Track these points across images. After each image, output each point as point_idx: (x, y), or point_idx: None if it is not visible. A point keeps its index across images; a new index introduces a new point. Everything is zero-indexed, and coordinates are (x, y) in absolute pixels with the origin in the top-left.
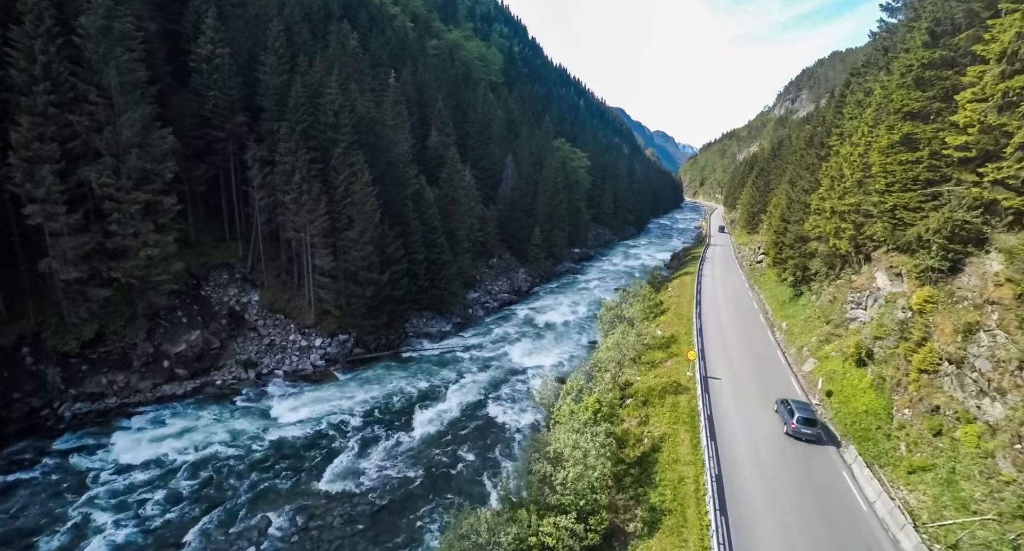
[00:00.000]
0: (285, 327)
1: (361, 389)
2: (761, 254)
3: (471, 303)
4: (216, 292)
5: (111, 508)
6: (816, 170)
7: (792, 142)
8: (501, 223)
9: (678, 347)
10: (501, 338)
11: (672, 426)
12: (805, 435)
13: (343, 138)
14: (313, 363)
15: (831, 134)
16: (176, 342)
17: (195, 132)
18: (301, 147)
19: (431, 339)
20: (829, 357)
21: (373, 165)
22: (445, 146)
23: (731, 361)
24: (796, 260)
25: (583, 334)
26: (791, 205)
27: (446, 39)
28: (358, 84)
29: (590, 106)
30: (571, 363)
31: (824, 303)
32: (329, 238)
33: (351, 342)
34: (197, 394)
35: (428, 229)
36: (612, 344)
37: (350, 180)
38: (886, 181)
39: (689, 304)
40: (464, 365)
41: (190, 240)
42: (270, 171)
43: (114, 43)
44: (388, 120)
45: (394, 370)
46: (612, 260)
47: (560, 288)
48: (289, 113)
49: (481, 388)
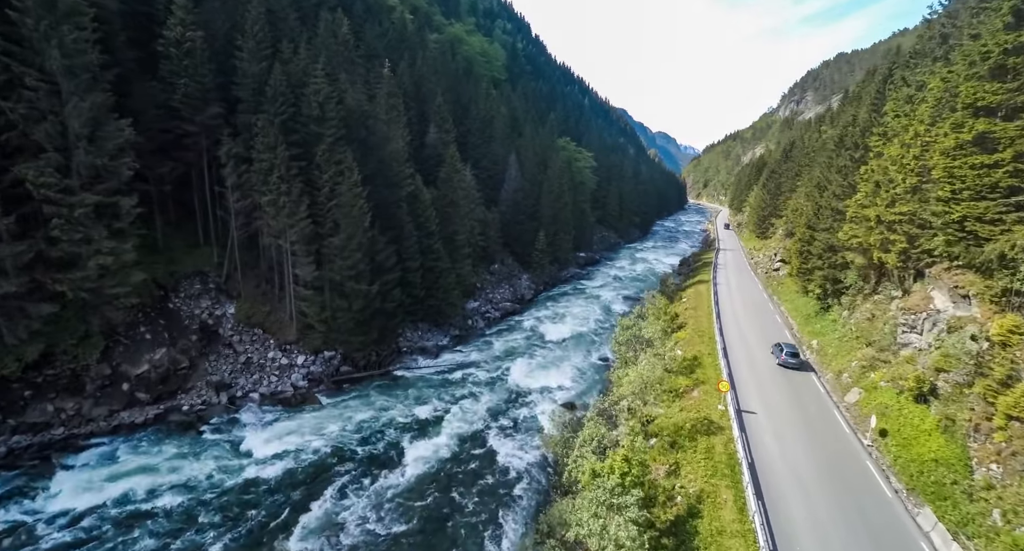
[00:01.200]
0: (264, 343)
1: (346, 416)
2: (778, 261)
3: (471, 313)
4: (186, 304)
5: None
6: (850, 174)
7: (805, 143)
8: (503, 226)
9: (703, 372)
10: (503, 354)
11: (710, 481)
12: (791, 364)
13: (329, 132)
14: (294, 384)
15: (867, 134)
16: (137, 362)
17: (162, 125)
18: (280, 142)
19: (427, 355)
20: (877, 388)
21: (363, 163)
22: (444, 144)
23: (763, 389)
24: (825, 271)
25: (592, 349)
26: (819, 211)
27: (447, 33)
28: (349, 75)
29: (594, 105)
30: (580, 385)
31: (860, 321)
32: (311, 245)
33: (337, 360)
34: (160, 422)
35: (424, 234)
36: (635, 378)
37: (336, 180)
38: (952, 188)
39: (708, 318)
40: (462, 387)
41: (157, 246)
42: (246, 169)
43: (59, 19)
44: (381, 114)
45: (385, 392)
46: (619, 264)
47: (565, 295)
48: (267, 103)
49: (480, 416)
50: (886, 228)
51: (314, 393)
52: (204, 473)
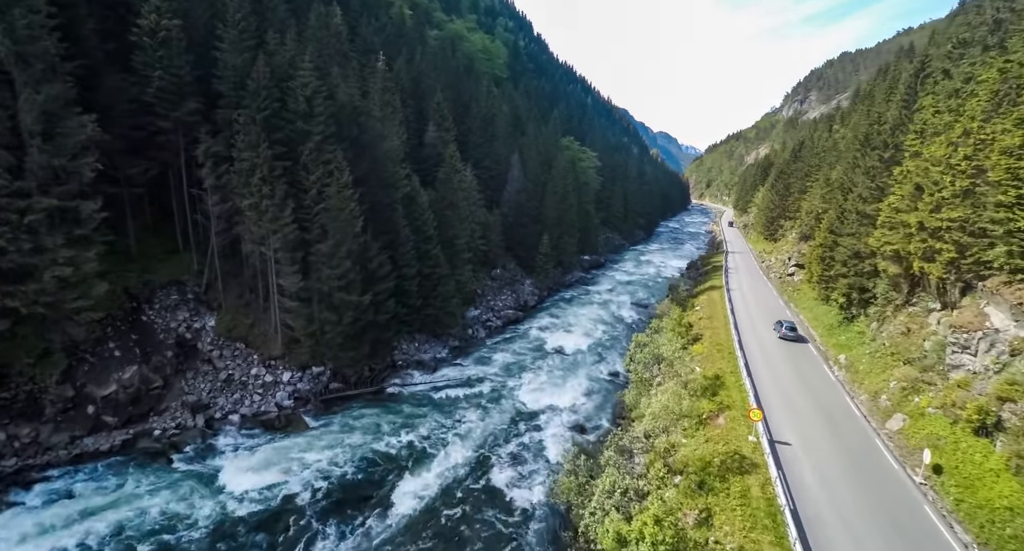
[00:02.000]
0: (246, 359)
1: (334, 442)
2: (793, 266)
3: (471, 322)
4: (161, 317)
5: None
6: (879, 175)
7: (815, 143)
8: (505, 229)
9: (727, 394)
10: (505, 367)
11: (749, 534)
12: (789, 336)
13: (317, 130)
14: (279, 403)
15: (897, 133)
16: (104, 382)
17: (134, 121)
18: (263, 140)
19: (424, 369)
20: (925, 415)
21: (355, 163)
22: (444, 143)
23: (794, 412)
24: (850, 279)
25: (601, 362)
26: (843, 215)
27: (448, 30)
28: (342, 69)
29: (597, 104)
30: (590, 403)
31: (894, 335)
32: (297, 252)
33: (327, 376)
34: (128, 449)
35: (421, 238)
36: (660, 409)
37: (324, 181)
38: (1018, 192)
39: (725, 329)
40: (461, 406)
41: (130, 253)
42: (226, 170)
43: (9, 2)
44: (375, 111)
45: (377, 413)
46: (624, 268)
47: (570, 301)
48: (249, 98)
49: (481, 441)
50: (930, 235)
51: (300, 414)
52: (171, 512)
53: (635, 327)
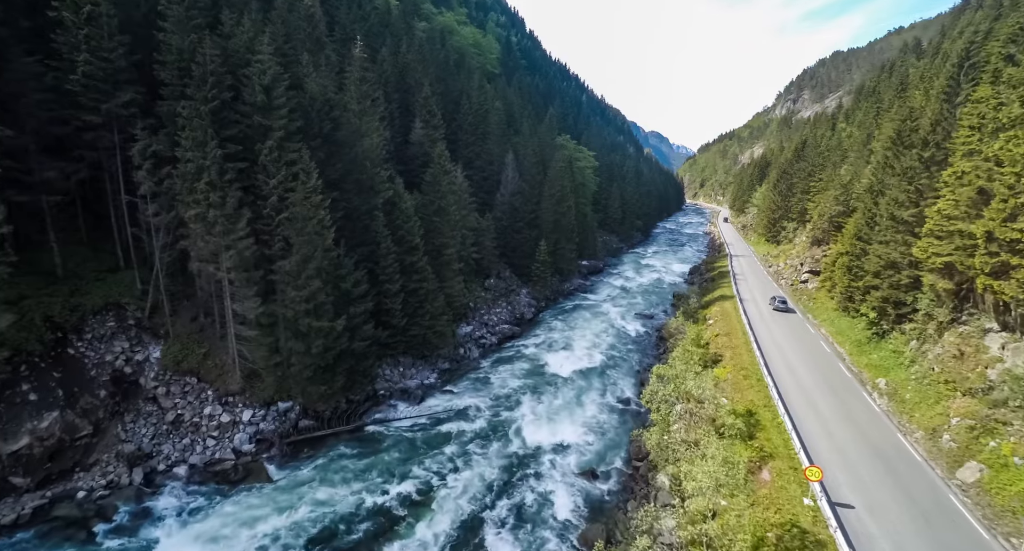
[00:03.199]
0: (199, 395)
1: (301, 499)
2: (806, 273)
3: (463, 340)
4: (94, 348)
5: None
6: (918, 176)
7: (818, 142)
8: (499, 234)
9: (766, 436)
10: (502, 395)
11: None
12: (781, 308)
13: (278, 125)
14: (237, 448)
15: (938, 129)
16: (13, 434)
17: (52, 114)
18: (211, 137)
19: (409, 399)
20: (1009, 465)
21: (327, 164)
22: (432, 141)
23: (845, 458)
24: (885, 292)
25: (608, 386)
26: (873, 221)
27: (437, 22)
28: (314, 57)
29: (592, 103)
30: (600, 440)
31: (943, 358)
32: (255, 272)
33: (295, 413)
34: (41, 519)
35: (405, 249)
36: (706, 481)
37: (288, 186)
38: None
39: (747, 349)
40: (452, 447)
41: (55, 273)
42: (168, 173)
43: None
44: (352, 104)
45: (353, 458)
46: (624, 274)
47: (570, 313)
48: (194, 86)
49: (475, 495)
50: (1003, 247)
51: (263, 461)
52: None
53: (641, 342)
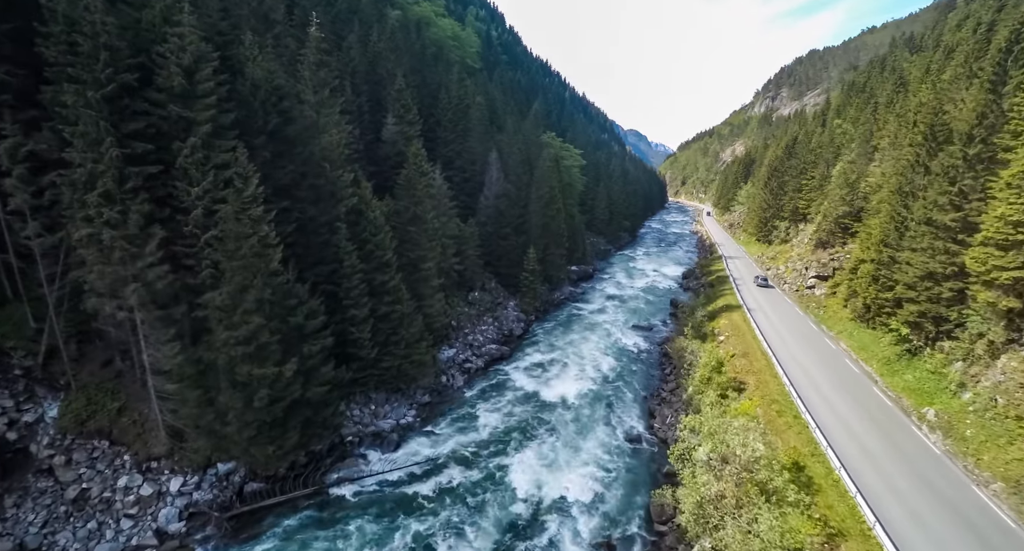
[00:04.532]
0: (111, 463)
1: None
2: (812, 278)
3: (445, 366)
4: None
5: None
6: (961, 177)
7: (810, 140)
8: (484, 241)
9: (824, 499)
10: (491, 435)
11: None
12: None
13: (204, 117)
14: (162, 529)
15: (984, 122)
16: None
17: None
18: (107, 132)
19: (383, 446)
20: None
21: (275, 166)
22: (406, 138)
23: (928, 532)
24: (922, 306)
25: (612, 419)
26: (904, 225)
27: (413, 12)
28: (260, 38)
29: (575, 100)
30: (613, 493)
31: (1009, 387)
32: (174, 308)
33: (240, 474)
34: None
35: (375, 267)
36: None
37: (217, 195)
38: None
39: (770, 373)
40: (435, 512)
41: None
42: (51, 182)
43: None
44: (308, 94)
45: (312, 530)
46: (616, 279)
47: (562, 326)
48: (80, 64)
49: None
50: None
51: (193, 545)
52: None
53: (643, 361)
